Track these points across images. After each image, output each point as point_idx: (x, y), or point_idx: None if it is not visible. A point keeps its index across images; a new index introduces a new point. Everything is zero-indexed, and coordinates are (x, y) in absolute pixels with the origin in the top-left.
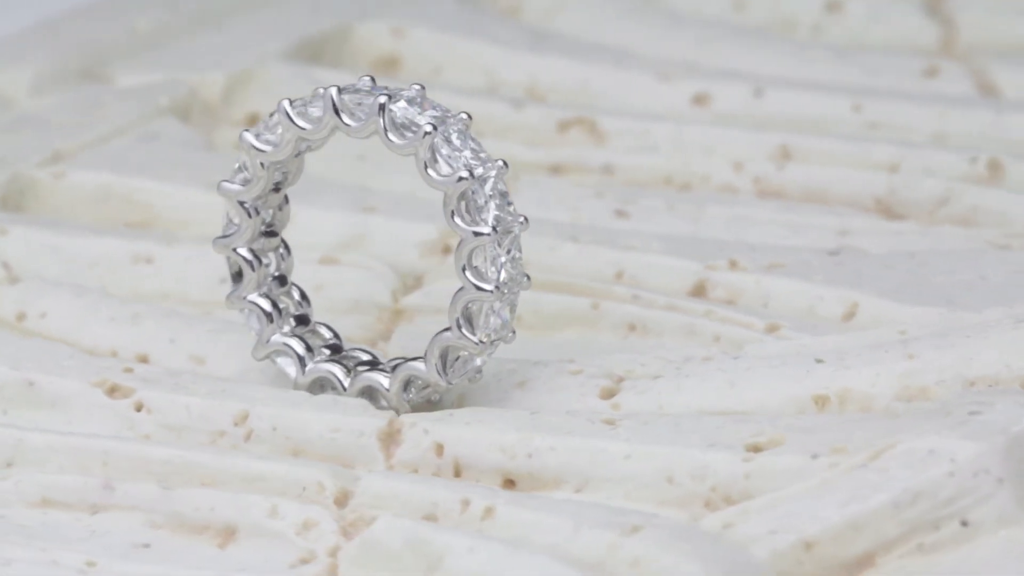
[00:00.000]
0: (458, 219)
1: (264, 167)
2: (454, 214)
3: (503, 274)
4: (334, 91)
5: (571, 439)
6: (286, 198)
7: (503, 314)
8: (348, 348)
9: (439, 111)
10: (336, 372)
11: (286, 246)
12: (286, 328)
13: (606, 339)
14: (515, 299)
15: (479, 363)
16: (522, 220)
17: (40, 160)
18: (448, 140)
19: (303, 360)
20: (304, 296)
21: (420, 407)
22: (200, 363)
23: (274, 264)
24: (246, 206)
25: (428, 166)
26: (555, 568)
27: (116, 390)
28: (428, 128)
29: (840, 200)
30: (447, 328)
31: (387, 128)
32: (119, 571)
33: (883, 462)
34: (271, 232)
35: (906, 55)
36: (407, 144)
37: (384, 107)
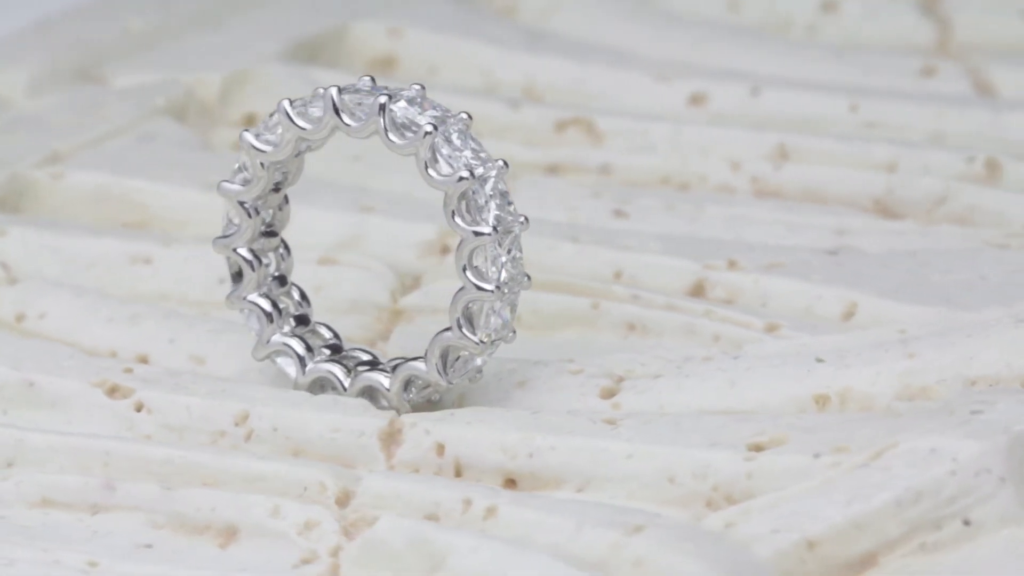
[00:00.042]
0: (459, 219)
1: (264, 167)
2: (455, 214)
3: (504, 274)
4: (334, 91)
5: (572, 439)
6: (286, 198)
7: (504, 314)
8: (348, 348)
9: (439, 111)
10: (336, 372)
11: (286, 246)
12: (286, 328)
13: (606, 339)
14: (516, 299)
15: (479, 363)
16: (522, 220)
17: (38, 161)
18: (448, 140)
19: (303, 360)
20: (304, 296)
21: (421, 407)
22: (200, 363)
23: (274, 264)
24: (246, 206)
25: (429, 166)
26: (558, 567)
27: (116, 390)
28: (429, 128)
29: (838, 200)
30: (448, 328)
31: (387, 128)
32: (121, 571)
33: (885, 461)
34: (271, 232)
35: (902, 55)
36: (407, 144)
37: (384, 107)
